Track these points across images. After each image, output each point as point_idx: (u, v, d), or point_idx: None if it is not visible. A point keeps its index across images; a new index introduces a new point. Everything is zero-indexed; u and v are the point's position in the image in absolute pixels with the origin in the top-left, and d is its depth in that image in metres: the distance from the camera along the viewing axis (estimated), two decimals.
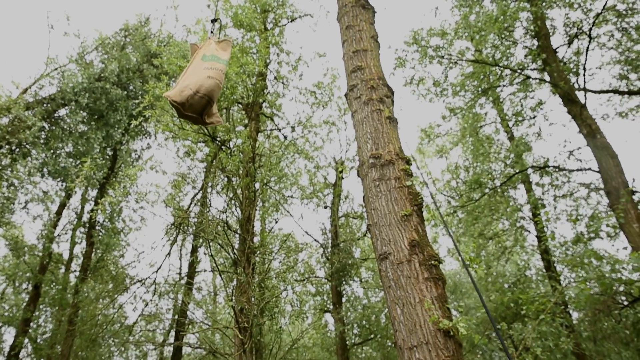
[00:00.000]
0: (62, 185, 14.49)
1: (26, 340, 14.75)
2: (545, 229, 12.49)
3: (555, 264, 12.33)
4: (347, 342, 11.49)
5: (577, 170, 11.25)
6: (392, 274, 4.71)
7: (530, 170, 12.80)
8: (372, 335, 12.28)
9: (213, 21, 4.43)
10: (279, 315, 6.42)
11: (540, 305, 7.19)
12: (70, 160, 13.27)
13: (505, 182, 12.69)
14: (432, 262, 4.73)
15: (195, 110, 3.20)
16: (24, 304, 16.08)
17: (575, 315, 12.18)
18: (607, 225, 9.61)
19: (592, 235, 10.55)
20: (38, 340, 16.04)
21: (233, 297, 5.99)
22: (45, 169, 13.03)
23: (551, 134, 24.15)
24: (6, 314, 18.41)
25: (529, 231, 14.44)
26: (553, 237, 8.36)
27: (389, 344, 12.28)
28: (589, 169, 10.82)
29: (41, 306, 16.37)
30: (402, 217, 4.99)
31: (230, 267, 6.94)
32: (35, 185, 14.01)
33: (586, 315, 10.02)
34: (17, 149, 12.71)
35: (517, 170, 12.11)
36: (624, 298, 9.53)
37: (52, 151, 13.02)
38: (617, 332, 9.85)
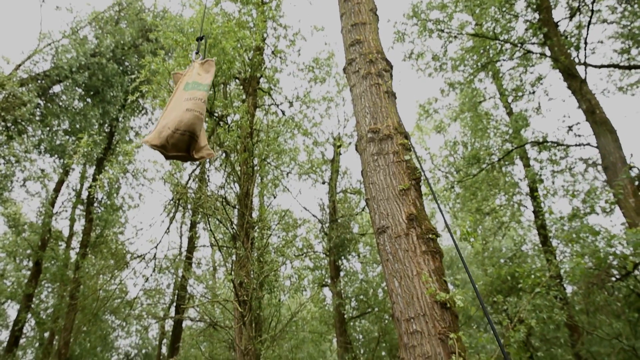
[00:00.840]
0: (59, 162, 14.46)
1: (29, 315, 14.98)
2: (542, 204, 12.58)
3: (551, 239, 12.47)
4: (345, 316, 11.70)
5: (576, 145, 11.26)
6: (390, 248, 4.76)
7: (528, 146, 12.79)
8: (370, 309, 12.49)
9: (199, 39, 3.94)
10: (278, 289, 6.51)
11: (536, 279, 7.30)
12: (67, 137, 13.20)
13: (504, 157, 12.70)
14: (430, 235, 4.77)
15: (179, 149, 2.89)
16: (26, 280, 16.27)
17: (569, 289, 12.39)
18: (606, 202, 9.67)
19: (588, 210, 10.63)
20: (41, 315, 16.30)
21: (232, 271, 6.06)
22: (42, 146, 12.97)
23: (550, 109, 24.01)
24: (8, 290, 18.63)
25: (526, 207, 14.55)
26: (551, 211, 8.42)
27: (386, 317, 12.50)
28: (588, 144, 10.83)
29: (43, 282, 16.57)
30: (400, 191, 5.01)
31: (229, 242, 7.00)
32: (33, 163, 13.98)
33: (580, 289, 10.20)
34: (13, 126, 12.61)
35: (516, 146, 12.11)
36: (616, 272, 9.69)
37: (48, 128, 12.93)
38: (609, 304, 10.05)
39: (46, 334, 16.82)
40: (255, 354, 5.91)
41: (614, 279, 9.93)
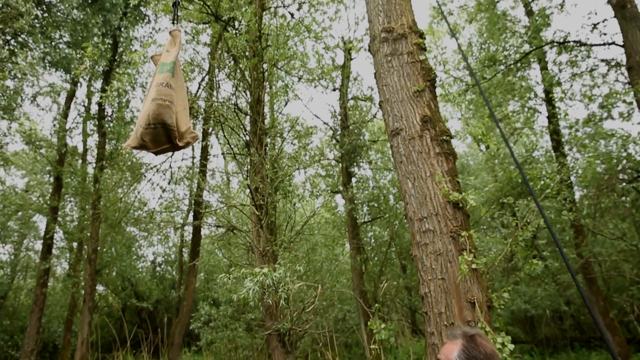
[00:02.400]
0: (66, 76, 14.27)
1: (57, 227, 15.81)
2: (557, 109, 12.31)
3: (564, 145, 12.38)
4: (357, 220, 12.13)
5: (600, 45, 10.67)
6: (403, 150, 4.77)
7: (547, 48, 12.17)
8: (381, 215, 12.89)
9: (174, 4, 3.34)
10: (292, 195, 6.70)
11: (546, 182, 7.35)
12: (71, 50, 12.86)
13: (521, 59, 12.16)
14: (444, 137, 4.75)
15: (161, 143, 2.67)
16: (49, 194, 16.93)
17: (577, 195, 12.55)
18: (623, 102, 9.39)
19: (605, 115, 10.38)
20: (68, 227, 17.20)
21: (248, 177, 6.20)
22: (46, 60, 12.71)
23: (576, 4, 22.20)
24: (35, 204, 19.49)
25: (540, 112, 14.27)
26: (566, 114, 8.24)
27: (397, 223, 12.94)
28: (613, 43, 10.26)
29: (65, 196, 17.24)
30: (414, 93, 4.91)
31: (243, 150, 7.07)
32: (39, 77, 13.80)
33: (590, 191, 10.33)
34: (13, 40, 12.27)
35: (535, 47, 11.52)
36: (626, 177, 9.75)
37: (50, 41, 12.57)
38: (617, 206, 10.21)
39: (75, 244, 17.91)
40: (273, 255, 6.24)
41: (624, 183, 10.02)
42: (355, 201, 11.92)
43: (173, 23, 3.25)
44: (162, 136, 2.64)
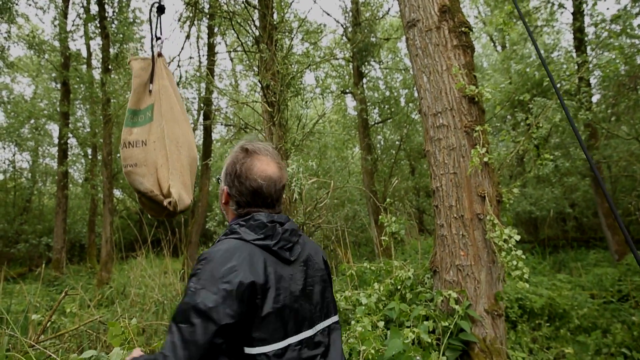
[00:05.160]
0: None
1: (70, 135, 16.00)
2: (585, 4, 11.49)
3: (586, 44, 11.77)
4: (368, 122, 12.05)
5: None
6: (419, 42, 4.58)
7: None
8: (391, 116, 12.75)
9: (160, 10, 2.35)
10: (303, 93, 6.57)
11: (566, 79, 7.11)
12: None
13: None
14: (462, 29, 4.52)
15: (157, 209, 2.23)
16: (58, 101, 16.87)
17: (595, 98, 12.19)
18: None
19: (637, 10, 9.67)
20: (80, 133, 17.39)
21: (259, 74, 6.06)
22: None
23: None
24: (45, 111, 19.55)
25: (565, 8, 13.35)
26: (595, 3, 7.68)
27: (407, 125, 12.85)
28: None
29: (75, 102, 17.20)
30: None
31: (252, 47, 6.82)
32: None
33: (609, 91, 10.03)
34: None
35: None
36: None
37: None
38: (637, 105, 9.96)
39: (89, 150, 18.25)
40: (286, 154, 6.31)
41: None
42: (367, 102, 11.72)
43: (156, 39, 2.32)
44: (150, 203, 2.24)
